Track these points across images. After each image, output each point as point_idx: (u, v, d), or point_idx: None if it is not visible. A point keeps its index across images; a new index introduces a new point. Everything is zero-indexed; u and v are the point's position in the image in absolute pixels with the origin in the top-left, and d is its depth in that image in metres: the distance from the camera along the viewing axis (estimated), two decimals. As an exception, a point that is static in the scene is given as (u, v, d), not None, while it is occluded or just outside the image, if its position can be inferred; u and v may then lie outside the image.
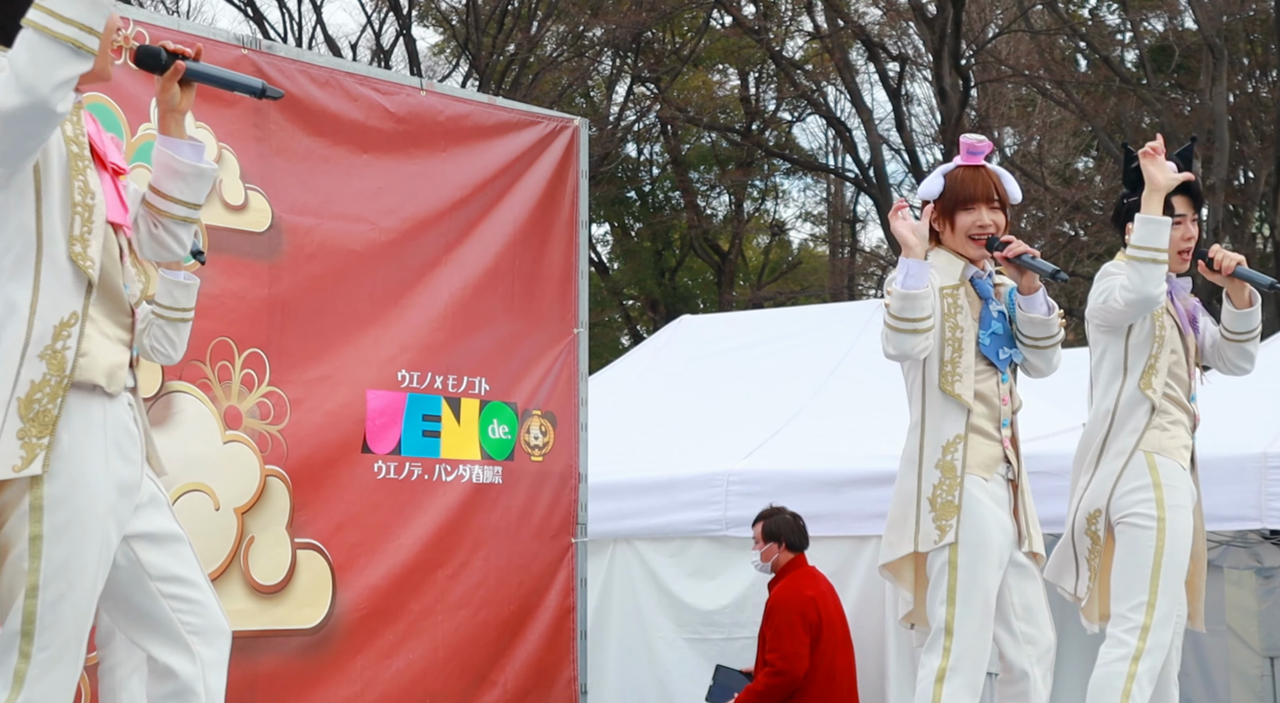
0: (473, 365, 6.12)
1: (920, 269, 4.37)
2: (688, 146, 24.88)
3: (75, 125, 3.12)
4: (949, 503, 4.43)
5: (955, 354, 4.48)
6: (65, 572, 3.03)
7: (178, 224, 3.28)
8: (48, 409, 3.01)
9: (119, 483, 3.12)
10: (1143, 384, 4.76)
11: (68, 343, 3.03)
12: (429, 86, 6.18)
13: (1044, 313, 4.56)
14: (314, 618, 5.54)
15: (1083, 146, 23.95)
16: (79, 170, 3.08)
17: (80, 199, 3.07)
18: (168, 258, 3.36)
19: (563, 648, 6.39)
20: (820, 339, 8.77)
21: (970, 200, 4.56)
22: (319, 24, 21.68)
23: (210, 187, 3.30)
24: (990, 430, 4.51)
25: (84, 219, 3.07)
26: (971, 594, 4.40)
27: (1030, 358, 4.63)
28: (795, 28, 23.23)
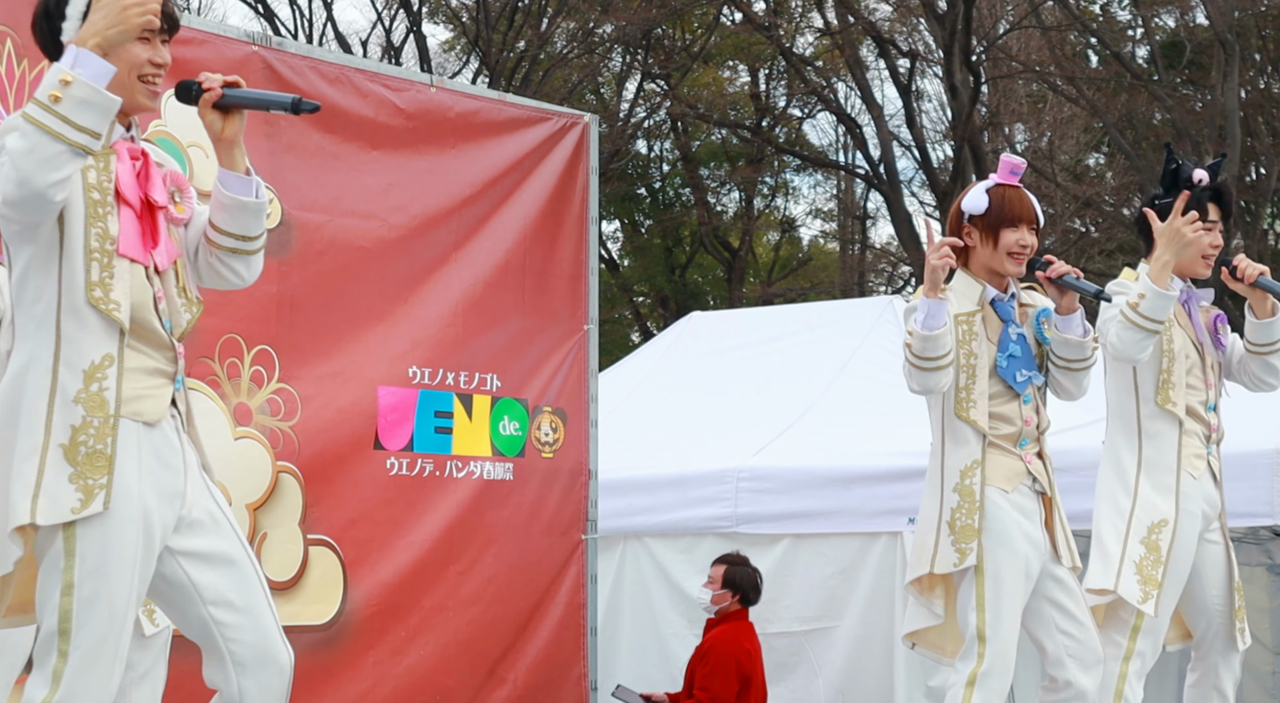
0: (484, 362, 6.13)
1: (938, 308, 4.42)
2: (698, 143, 24.86)
3: (101, 171, 3.15)
4: (968, 527, 4.47)
5: (969, 380, 4.52)
6: (100, 570, 3.06)
7: (229, 255, 3.30)
8: (98, 450, 3.09)
9: (157, 487, 3.16)
10: (1160, 400, 4.77)
11: (105, 385, 3.10)
12: (439, 83, 6.18)
13: (1080, 335, 4.60)
14: (325, 614, 5.55)
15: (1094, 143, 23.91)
16: (99, 217, 3.13)
17: (99, 245, 3.11)
18: (226, 287, 3.38)
19: (573, 644, 6.39)
20: (830, 336, 8.77)
21: (1017, 219, 4.59)
22: (329, 21, 21.70)
23: (260, 220, 3.27)
24: (1009, 448, 4.56)
25: (103, 264, 3.12)
26: (1000, 601, 4.44)
27: (1061, 380, 4.67)
28: (805, 24, 23.21)
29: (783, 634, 7.43)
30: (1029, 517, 4.54)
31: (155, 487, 3.16)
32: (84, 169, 3.11)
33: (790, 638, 7.48)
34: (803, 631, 7.46)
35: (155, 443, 3.18)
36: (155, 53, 3.17)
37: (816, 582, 7.42)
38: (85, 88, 2.98)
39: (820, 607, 7.42)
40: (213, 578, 3.23)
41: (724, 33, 23.09)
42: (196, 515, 3.24)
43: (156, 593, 3.28)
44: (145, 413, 3.16)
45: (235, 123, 3.23)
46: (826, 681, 7.38)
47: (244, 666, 3.24)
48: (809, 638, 7.43)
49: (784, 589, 7.47)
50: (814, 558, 7.44)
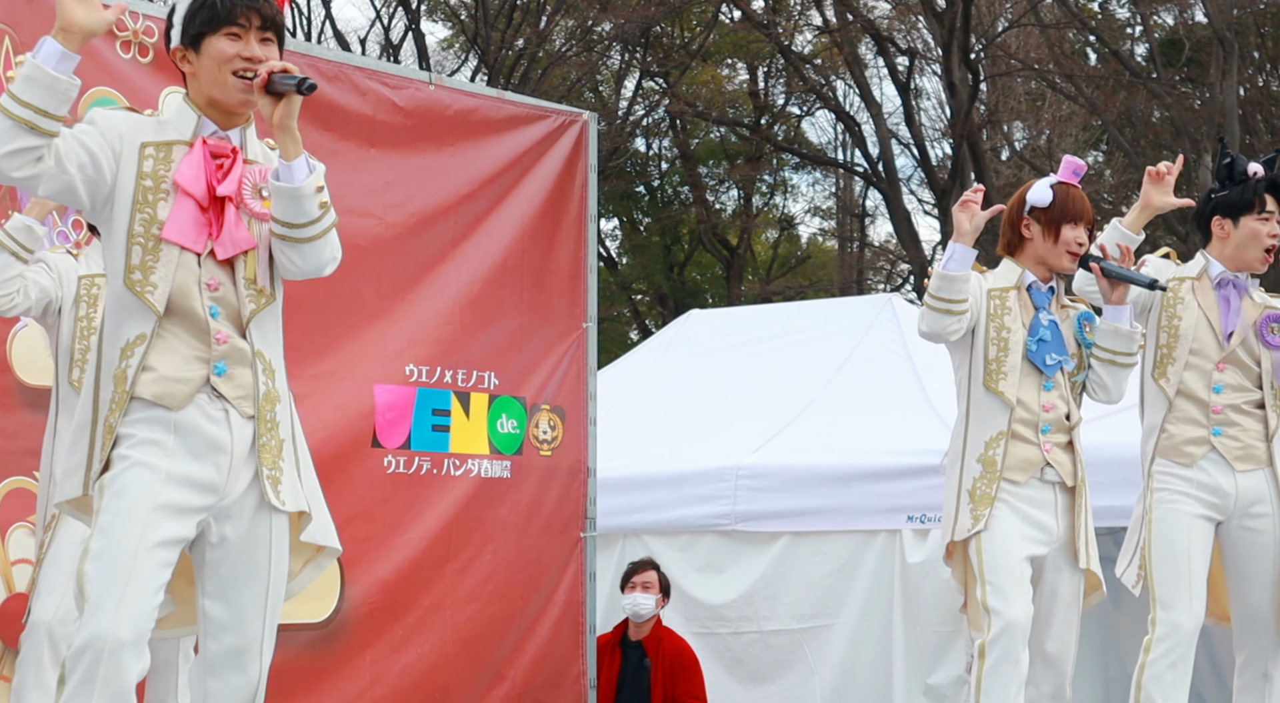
0: (482, 360, 6.12)
1: (965, 255, 4.51)
2: (696, 141, 24.84)
3: (159, 161, 3.28)
4: (986, 495, 4.55)
5: (1001, 353, 4.60)
6: (108, 531, 3.17)
7: (279, 242, 3.35)
8: (111, 424, 3.24)
9: (183, 476, 3.22)
10: (1156, 374, 4.81)
11: (131, 362, 3.24)
12: (438, 81, 6.18)
13: (1129, 325, 4.67)
14: (322, 612, 5.55)
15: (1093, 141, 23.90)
16: (147, 203, 3.26)
17: (143, 230, 3.25)
18: (294, 277, 3.44)
19: (572, 642, 6.39)
20: (829, 334, 8.77)
21: (1078, 217, 4.69)
22: (328, 19, 21.69)
23: (299, 208, 3.31)
24: (1028, 435, 4.60)
25: (145, 249, 3.25)
26: (999, 571, 4.50)
27: (1103, 375, 4.72)
28: (804, 22, 23.20)
29: (780, 632, 7.43)
30: (1038, 506, 4.59)
31: (181, 477, 3.22)
32: (141, 158, 3.26)
33: (788, 636, 7.48)
34: (800, 628, 7.45)
35: (182, 431, 3.24)
36: (246, 47, 3.31)
37: (814, 579, 7.41)
38: (29, 66, 3.14)
39: (818, 604, 7.41)
40: (222, 569, 3.30)
41: (723, 30, 23.07)
42: (237, 509, 3.30)
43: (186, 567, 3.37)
44: (167, 397, 3.24)
45: (283, 108, 3.28)
46: (823, 678, 7.37)
47: (212, 667, 3.31)
48: (806, 636, 7.42)
49: (782, 587, 7.47)
50: (812, 556, 7.43)
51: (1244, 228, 4.89)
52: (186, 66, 3.37)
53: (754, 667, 7.46)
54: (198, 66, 3.34)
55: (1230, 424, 4.83)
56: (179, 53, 3.36)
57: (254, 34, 3.32)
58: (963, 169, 19.92)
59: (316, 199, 3.32)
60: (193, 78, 3.37)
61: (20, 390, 4.96)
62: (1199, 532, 4.80)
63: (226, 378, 3.29)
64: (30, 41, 4.96)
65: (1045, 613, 4.63)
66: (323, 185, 3.35)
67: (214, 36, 3.31)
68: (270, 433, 3.34)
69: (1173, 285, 4.90)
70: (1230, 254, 4.91)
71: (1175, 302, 4.87)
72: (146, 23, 5.21)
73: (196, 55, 3.33)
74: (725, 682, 7.39)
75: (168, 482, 3.20)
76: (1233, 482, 4.81)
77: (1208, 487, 4.81)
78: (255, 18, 3.32)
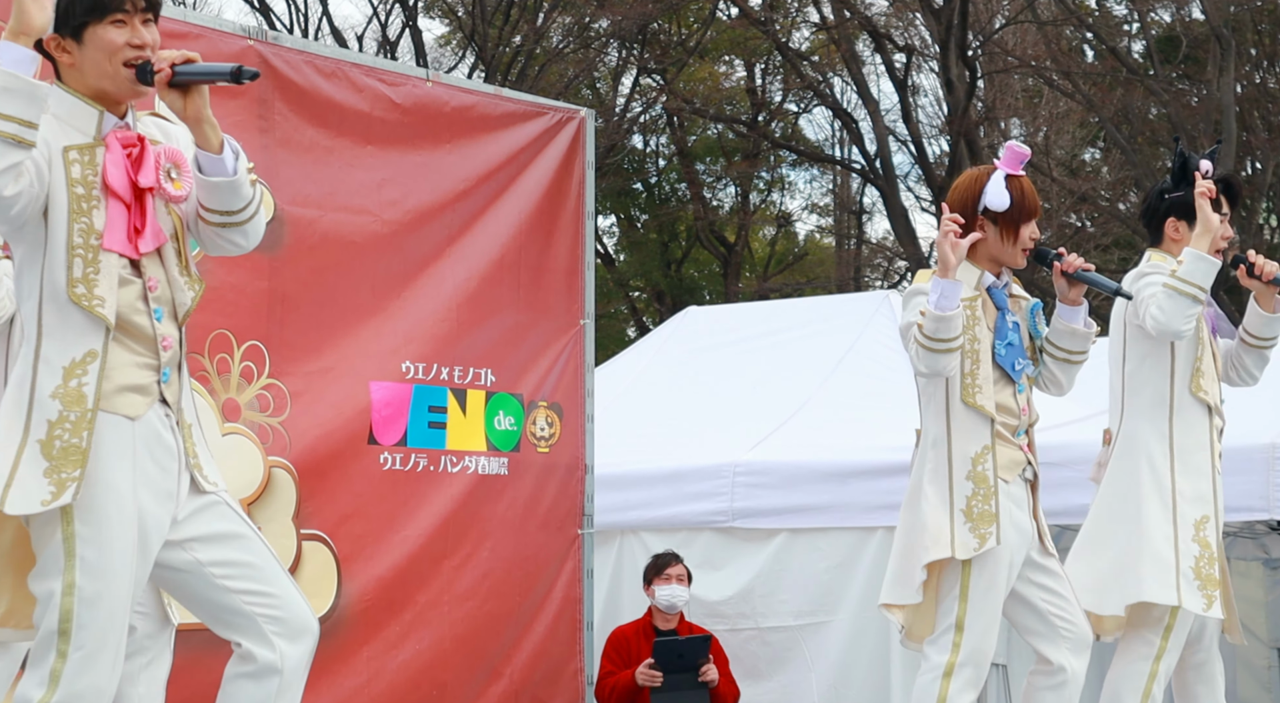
0: (478, 357, 6.12)
1: (953, 290, 4.40)
2: (694, 138, 24.83)
3: (86, 165, 3.13)
4: (986, 512, 4.46)
5: (974, 366, 4.52)
6: (100, 570, 3.07)
7: (222, 229, 3.26)
8: (73, 444, 3.07)
9: (151, 488, 3.16)
10: (1194, 387, 4.80)
11: (85, 380, 3.08)
12: (435, 78, 6.17)
13: (1084, 326, 4.63)
14: (319, 609, 5.54)
15: (1089, 138, 23.90)
16: (82, 212, 3.10)
17: (82, 241, 3.09)
18: (233, 254, 3.35)
19: (569, 639, 6.39)
20: (826, 331, 8.76)
21: (1032, 214, 4.60)
22: (325, 15, 21.66)
23: (238, 195, 3.22)
24: (1009, 437, 4.57)
25: (86, 261, 3.09)
26: (985, 594, 4.46)
27: (1055, 372, 4.68)
28: (801, 19, 23.19)
29: (778, 629, 7.43)
30: (1020, 506, 4.57)
31: (150, 487, 3.16)
32: (67, 164, 3.10)
33: (785, 633, 7.48)
34: (798, 625, 7.45)
35: (147, 441, 3.17)
36: (134, 34, 3.13)
37: (812, 576, 7.41)
38: (5, 76, 2.94)
39: (816, 601, 7.41)
40: (222, 552, 3.24)
41: (720, 27, 23.06)
42: (191, 507, 3.23)
43: (172, 586, 3.29)
44: (126, 408, 3.15)
45: (195, 100, 3.14)
46: (821, 675, 7.37)
47: (282, 626, 3.23)
48: (804, 633, 7.42)
49: (779, 584, 7.47)
50: (810, 553, 7.43)
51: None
52: (65, 57, 3.15)
53: (751, 664, 7.46)
54: (79, 57, 3.14)
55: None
56: (53, 42, 3.14)
57: (138, 18, 3.14)
58: (960, 166, 19.92)
59: (248, 179, 3.24)
60: (72, 68, 3.16)
61: None
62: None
63: (169, 385, 3.22)
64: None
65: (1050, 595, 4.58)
66: (252, 165, 3.26)
67: (99, 25, 3.11)
68: (193, 425, 3.29)
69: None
70: None
71: None
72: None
73: (78, 45, 3.13)
74: (723, 679, 7.38)
75: (144, 506, 3.13)
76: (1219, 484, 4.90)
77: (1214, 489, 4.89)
78: (139, 1, 3.13)
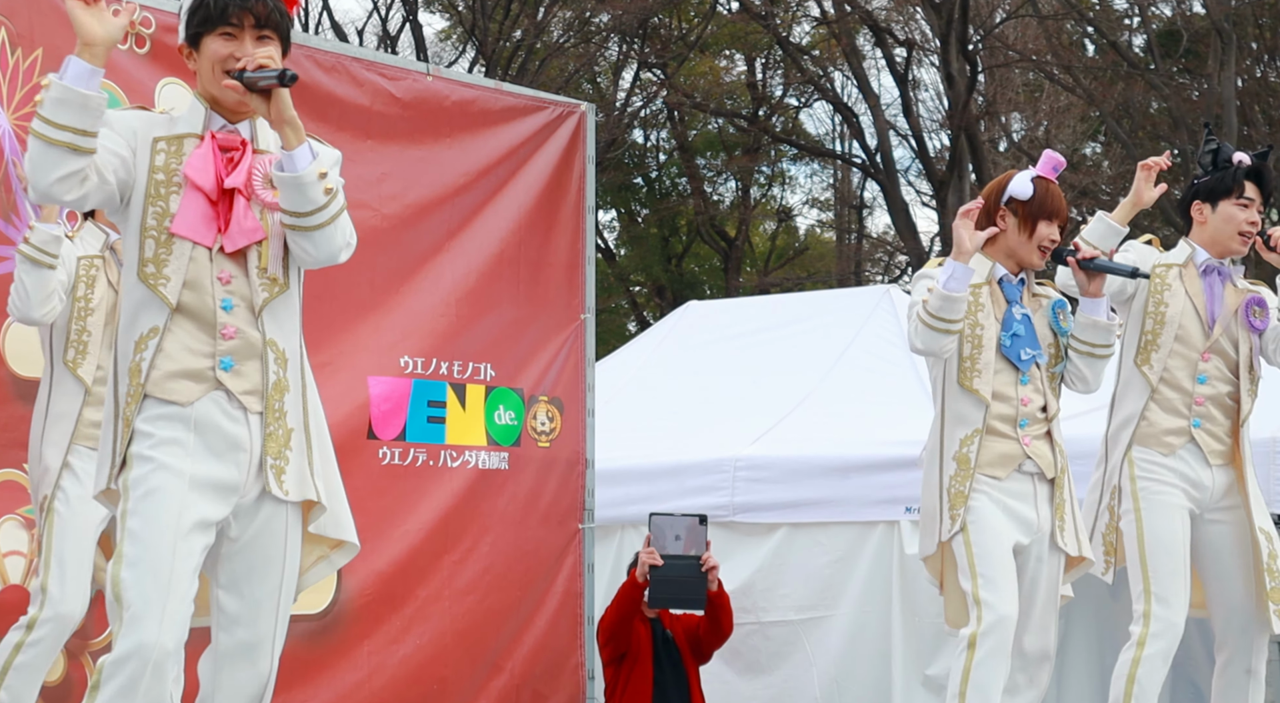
0: (478, 351, 6.12)
1: (965, 273, 4.46)
2: (694, 132, 24.82)
3: (171, 155, 3.31)
4: (960, 493, 4.53)
5: (975, 351, 4.56)
6: (140, 537, 3.17)
7: (290, 232, 3.36)
8: (128, 417, 3.25)
9: (204, 475, 3.23)
10: (1139, 360, 4.84)
11: (144, 356, 3.27)
12: (435, 72, 6.17)
13: (1106, 317, 4.65)
14: (319, 604, 5.55)
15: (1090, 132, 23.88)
16: (160, 197, 3.29)
17: (155, 223, 3.28)
18: (310, 266, 3.44)
19: (570, 634, 6.39)
20: (827, 325, 8.75)
21: (1054, 214, 4.67)
22: (325, 10, 21.65)
23: (302, 197, 3.31)
24: (1005, 430, 4.58)
25: (158, 242, 3.28)
26: (990, 563, 4.47)
27: (1080, 367, 4.70)
28: (802, 13, 23.17)
29: (779, 623, 7.42)
30: (1018, 497, 4.57)
31: (202, 477, 3.23)
32: (153, 152, 3.30)
33: (786, 627, 7.47)
34: (799, 620, 7.45)
35: (200, 427, 3.26)
36: (239, 48, 3.31)
37: (813, 571, 7.41)
38: (58, 88, 3.13)
39: (816, 596, 7.41)
40: (237, 564, 3.32)
41: (720, 22, 23.04)
42: (253, 506, 3.32)
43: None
44: (177, 394, 3.26)
45: (276, 104, 3.29)
46: (822, 670, 7.37)
47: (223, 659, 3.32)
48: (805, 627, 7.42)
49: (780, 578, 7.47)
50: (810, 547, 7.43)
51: (1221, 212, 4.95)
52: (191, 63, 3.40)
53: (752, 658, 7.46)
54: (198, 64, 3.38)
55: (1209, 418, 4.88)
56: (183, 50, 3.40)
57: (249, 33, 3.33)
58: (960, 160, 19.91)
59: (320, 185, 3.32)
60: (196, 75, 3.41)
61: (13, 383, 4.96)
62: (1185, 524, 4.83)
63: (233, 373, 3.30)
64: (27, 34, 4.96)
65: (1026, 604, 4.62)
66: (327, 171, 3.34)
67: (210, 36, 3.33)
68: (277, 422, 3.34)
69: (1159, 272, 4.93)
70: (1209, 239, 4.97)
71: (1163, 288, 4.89)
72: (143, 14, 5.20)
73: (197, 54, 3.37)
74: (723, 673, 7.38)
75: (193, 485, 3.21)
76: (1210, 475, 4.85)
77: (1189, 479, 4.84)
78: (248, 17, 3.32)
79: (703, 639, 6.61)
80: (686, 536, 6.45)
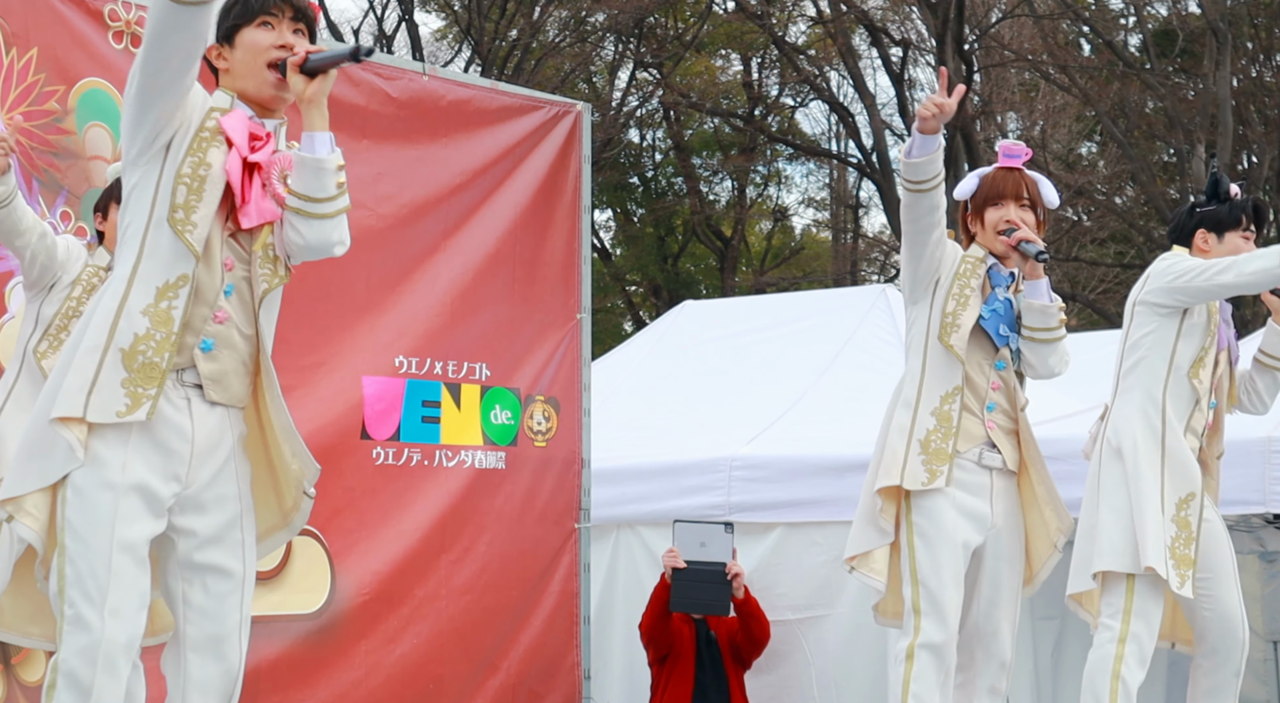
0: (473, 351, 6.12)
1: (925, 140, 4.40)
2: (690, 132, 24.83)
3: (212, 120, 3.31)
4: (942, 450, 4.54)
5: (958, 308, 4.60)
6: (79, 531, 3.14)
7: (293, 215, 3.38)
8: (154, 362, 3.21)
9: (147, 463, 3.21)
10: (1192, 373, 4.86)
11: (175, 303, 3.24)
12: (431, 72, 6.16)
13: (1044, 300, 4.64)
14: (313, 603, 5.54)
15: (1086, 131, 23.90)
16: (200, 148, 3.29)
17: (191, 171, 3.27)
18: (299, 256, 3.45)
19: (566, 633, 6.39)
20: (823, 325, 8.75)
21: (1000, 197, 4.68)
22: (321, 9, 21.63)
23: (323, 182, 3.35)
24: (973, 407, 4.61)
25: (191, 189, 3.26)
26: (934, 576, 4.49)
27: (1028, 353, 4.69)
28: (798, 13, 23.19)
29: (776, 623, 7.41)
30: (973, 491, 4.58)
31: (146, 461, 3.21)
32: (205, 116, 3.31)
33: (783, 626, 7.47)
34: (796, 619, 7.44)
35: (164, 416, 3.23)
36: (280, 36, 3.36)
37: (809, 570, 7.40)
38: None
39: (813, 595, 7.40)
40: (197, 556, 3.29)
41: (716, 21, 23.06)
42: (206, 497, 3.29)
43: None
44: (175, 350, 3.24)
45: (318, 84, 3.34)
46: (819, 669, 7.37)
47: (195, 648, 3.28)
48: (802, 626, 7.41)
49: (777, 578, 7.46)
50: (807, 546, 7.42)
51: (1228, 242, 4.99)
52: (221, 63, 3.41)
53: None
54: (232, 61, 3.39)
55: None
56: (214, 50, 3.40)
57: (286, 24, 3.38)
58: (956, 160, 19.92)
59: (336, 176, 3.37)
60: (226, 74, 3.41)
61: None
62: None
63: (209, 357, 3.29)
64: (22, 34, 4.95)
65: (987, 605, 4.63)
66: (343, 166, 3.39)
67: (248, 28, 3.36)
68: (281, 414, 3.38)
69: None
70: None
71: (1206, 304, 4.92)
72: (139, 13, 5.19)
73: (231, 49, 3.38)
74: (720, 672, 7.38)
75: (133, 476, 3.18)
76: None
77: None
78: (288, 8, 3.38)
79: (740, 646, 6.72)
80: (711, 542, 6.54)
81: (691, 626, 6.65)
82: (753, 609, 6.79)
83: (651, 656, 6.68)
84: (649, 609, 6.67)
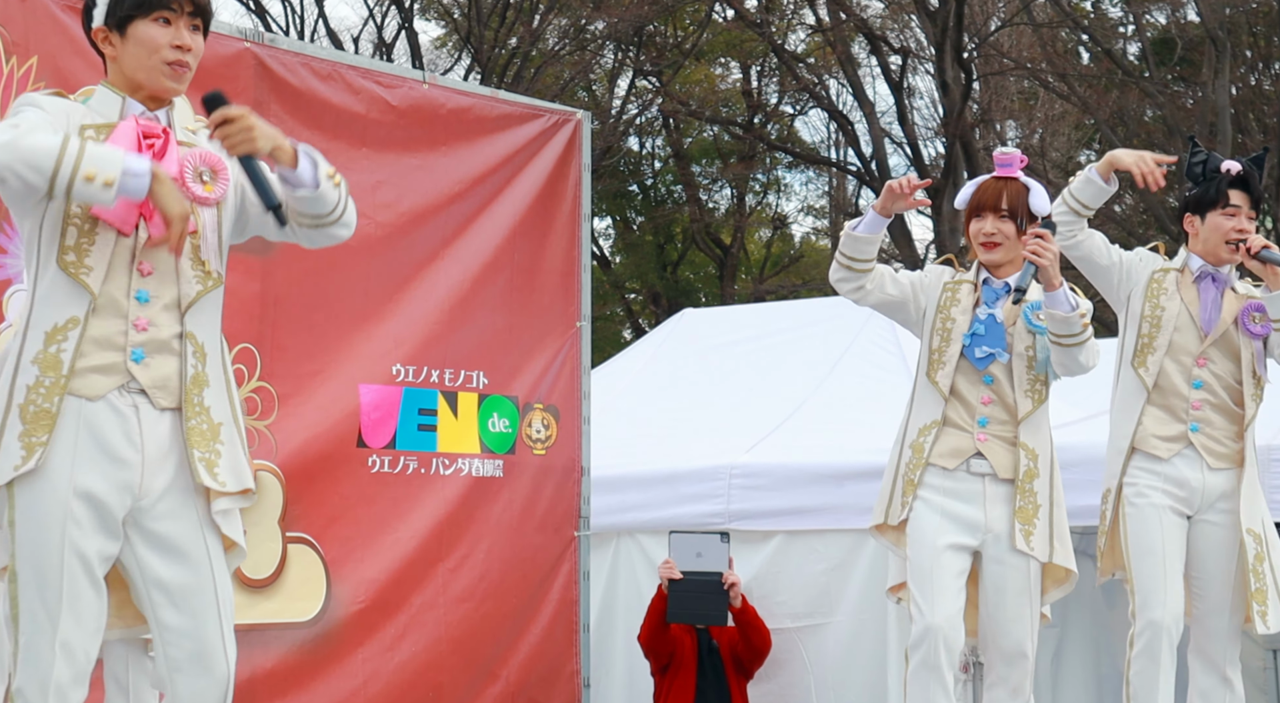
0: (470, 359, 6.11)
1: (874, 221, 4.70)
2: (690, 140, 24.84)
3: (96, 142, 3.14)
4: (910, 481, 4.67)
5: (943, 344, 4.70)
6: (32, 558, 3.08)
7: (315, 230, 3.35)
8: (44, 409, 3.10)
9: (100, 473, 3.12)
10: (1136, 362, 4.86)
11: (64, 346, 3.14)
12: (431, 80, 6.16)
13: (1065, 310, 4.66)
14: (309, 611, 5.54)
15: (1085, 140, 23.91)
16: None
17: (80, 211, 3.14)
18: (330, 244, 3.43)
19: (565, 641, 6.39)
20: (822, 333, 8.75)
21: (979, 209, 4.80)
22: (321, 17, 21.65)
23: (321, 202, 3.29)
24: (963, 425, 4.68)
25: (81, 231, 3.14)
26: (920, 577, 4.58)
27: (1056, 356, 4.72)
28: (797, 21, 23.21)
29: (775, 631, 7.41)
30: (962, 498, 4.64)
31: (97, 472, 3.12)
32: (83, 137, 3.14)
33: (783, 635, 7.47)
34: (795, 627, 7.44)
35: (97, 425, 3.14)
36: (177, 35, 3.22)
37: (809, 578, 7.40)
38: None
39: (813, 603, 7.40)
40: (163, 573, 3.19)
41: (716, 29, 23.07)
42: (162, 508, 3.20)
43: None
44: (84, 389, 3.14)
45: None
46: (819, 677, 7.36)
47: (179, 669, 3.20)
48: (801, 635, 7.41)
49: (776, 586, 7.46)
50: (807, 555, 7.42)
51: (1209, 222, 5.00)
52: (109, 49, 3.26)
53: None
54: (121, 51, 3.24)
55: (1207, 422, 4.88)
56: (100, 34, 3.25)
57: (184, 20, 3.23)
58: (955, 168, 19.93)
59: (332, 183, 3.30)
60: (113, 61, 3.26)
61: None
62: (1172, 527, 4.83)
63: (144, 366, 3.18)
64: (22, 42, 4.94)
65: (993, 608, 4.65)
66: (332, 169, 3.32)
67: (143, 21, 3.21)
68: (200, 417, 3.22)
69: (1157, 276, 4.99)
70: (1202, 249, 5.03)
71: (1159, 292, 4.95)
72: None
73: (121, 39, 3.23)
74: (719, 681, 7.38)
75: (90, 487, 3.11)
76: (1201, 478, 4.86)
77: (1175, 480, 4.85)
78: (186, 4, 3.22)
79: (741, 656, 6.72)
80: (707, 552, 6.55)
81: (693, 635, 6.66)
82: (751, 618, 6.79)
83: (653, 665, 6.68)
84: (646, 621, 6.68)
